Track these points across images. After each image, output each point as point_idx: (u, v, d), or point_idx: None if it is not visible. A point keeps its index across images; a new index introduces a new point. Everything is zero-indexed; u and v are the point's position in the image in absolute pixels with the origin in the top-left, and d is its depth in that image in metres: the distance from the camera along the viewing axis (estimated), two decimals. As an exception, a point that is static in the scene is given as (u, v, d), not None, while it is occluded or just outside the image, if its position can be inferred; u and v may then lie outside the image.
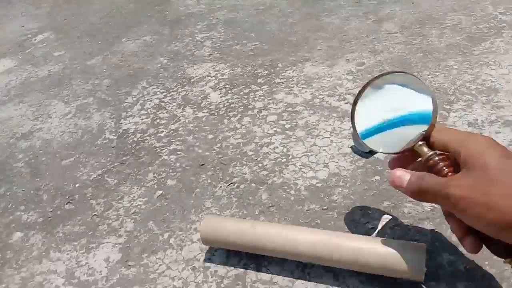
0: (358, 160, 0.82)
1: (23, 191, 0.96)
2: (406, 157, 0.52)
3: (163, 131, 1.03)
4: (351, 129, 0.67)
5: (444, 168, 0.44)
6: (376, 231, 0.68)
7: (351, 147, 0.84)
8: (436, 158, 0.45)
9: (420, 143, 0.47)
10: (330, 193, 0.76)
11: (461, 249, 0.61)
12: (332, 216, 0.72)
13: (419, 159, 0.48)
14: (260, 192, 0.80)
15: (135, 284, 0.69)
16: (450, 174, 0.44)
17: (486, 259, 0.59)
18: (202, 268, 0.69)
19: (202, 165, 0.90)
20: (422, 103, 0.50)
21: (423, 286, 0.59)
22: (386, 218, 0.69)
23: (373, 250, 0.57)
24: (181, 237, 0.75)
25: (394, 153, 0.52)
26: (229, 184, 0.84)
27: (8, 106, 1.32)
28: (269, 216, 0.75)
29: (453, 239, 0.62)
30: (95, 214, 0.85)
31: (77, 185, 0.93)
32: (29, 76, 1.47)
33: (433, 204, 0.68)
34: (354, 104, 0.59)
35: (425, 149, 0.46)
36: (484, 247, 0.48)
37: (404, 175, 0.46)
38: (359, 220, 0.70)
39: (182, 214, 0.80)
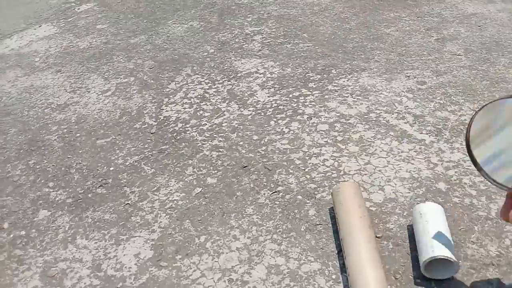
0: (418, 187, 0.75)
1: (54, 167, 0.91)
2: None
3: (205, 124, 0.98)
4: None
5: None
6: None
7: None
8: None
9: None
10: (385, 220, 0.70)
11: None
12: (387, 247, 0.66)
13: None
14: (307, 206, 0.74)
15: (165, 288, 0.64)
16: None
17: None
18: (240, 282, 0.64)
19: (245, 167, 0.85)
20: None
21: None
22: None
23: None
24: (219, 242, 0.70)
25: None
26: (273, 192, 0.78)
27: (45, 74, 1.28)
28: (315, 235, 0.69)
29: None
30: (128, 203, 0.80)
31: (111, 168, 0.88)
32: (69, 45, 1.43)
33: (500, 249, 0.62)
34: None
35: None
36: None
37: None
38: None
39: (221, 217, 0.75)
